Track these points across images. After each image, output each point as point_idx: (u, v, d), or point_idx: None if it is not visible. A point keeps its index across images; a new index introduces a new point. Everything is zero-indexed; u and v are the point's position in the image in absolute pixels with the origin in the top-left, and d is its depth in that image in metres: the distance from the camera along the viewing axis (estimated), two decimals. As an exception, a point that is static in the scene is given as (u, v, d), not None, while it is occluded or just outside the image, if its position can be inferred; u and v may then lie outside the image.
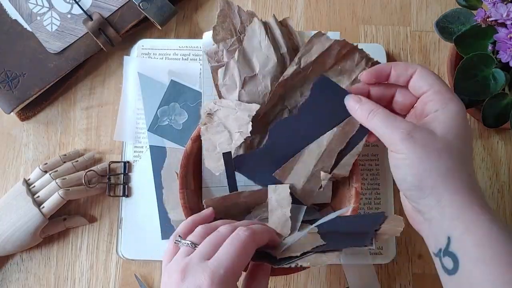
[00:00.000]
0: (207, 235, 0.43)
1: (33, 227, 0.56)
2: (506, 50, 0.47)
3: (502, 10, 0.47)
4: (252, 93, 0.50)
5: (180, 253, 0.42)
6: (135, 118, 0.62)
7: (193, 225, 0.46)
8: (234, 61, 0.50)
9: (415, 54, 0.64)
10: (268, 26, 0.52)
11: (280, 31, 0.51)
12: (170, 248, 0.44)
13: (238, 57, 0.50)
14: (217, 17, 0.51)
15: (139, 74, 0.62)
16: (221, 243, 0.41)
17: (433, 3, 0.65)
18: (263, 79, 0.50)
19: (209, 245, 0.41)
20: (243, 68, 0.50)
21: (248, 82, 0.50)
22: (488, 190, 0.61)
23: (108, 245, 0.60)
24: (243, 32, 0.51)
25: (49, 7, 0.62)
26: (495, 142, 0.62)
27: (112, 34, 0.61)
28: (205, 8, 0.66)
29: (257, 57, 0.51)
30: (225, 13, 0.51)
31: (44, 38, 0.61)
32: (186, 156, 0.52)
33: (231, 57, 0.51)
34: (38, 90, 0.60)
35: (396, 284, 0.59)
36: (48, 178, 0.58)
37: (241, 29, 0.51)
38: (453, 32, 0.53)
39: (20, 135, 0.63)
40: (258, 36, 0.51)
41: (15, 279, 0.60)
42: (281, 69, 0.50)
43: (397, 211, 0.60)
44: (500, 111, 0.52)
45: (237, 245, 0.40)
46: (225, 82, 0.51)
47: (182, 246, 0.43)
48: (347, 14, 0.65)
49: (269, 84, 0.50)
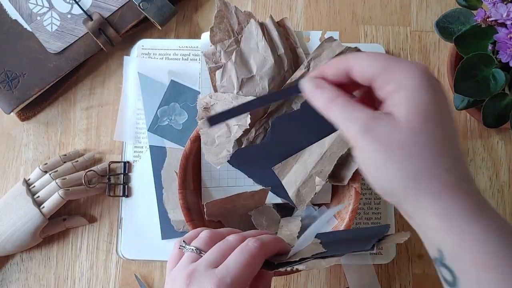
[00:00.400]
0: (212, 242, 0.41)
1: (33, 227, 0.56)
2: (506, 50, 0.47)
3: (502, 10, 0.47)
4: (249, 94, 0.50)
5: (185, 259, 0.41)
6: (135, 118, 0.62)
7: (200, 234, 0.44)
8: (231, 62, 0.50)
9: (415, 54, 0.64)
10: (265, 27, 0.52)
11: (277, 32, 0.51)
12: (174, 253, 0.43)
13: (236, 58, 0.50)
14: (214, 18, 0.51)
15: (139, 74, 0.62)
16: (229, 252, 0.40)
17: (433, 3, 0.65)
18: (261, 80, 0.50)
19: (217, 253, 0.40)
20: (241, 70, 0.50)
21: (245, 84, 0.50)
22: (488, 190, 0.61)
23: (108, 245, 0.60)
24: (240, 33, 0.51)
25: (49, 7, 0.62)
26: (495, 142, 0.62)
27: (112, 34, 0.61)
28: (205, 8, 0.66)
29: (254, 58, 0.50)
30: (222, 14, 0.51)
31: (44, 38, 0.61)
32: (185, 156, 0.52)
33: (228, 58, 0.51)
34: (38, 90, 0.60)
35: (396, 284, 0.59)
36: (48, 178, 0.58)
37: (238, 30, 0.51)
38: (453, 32, 0.53)
39: (20, 135, 0.63)
40: (255, 37, 0.51)
41: (15, 279, 0.60)
42: (279, 70, 0.50)
43: (396, 213, 0.60)
44: (500, 111, 0.52)
45: (246, 256, 0.39)
46: (223, 84, 0.51)
47: (186, 251, 0.41)
48: (347, 14, 0.65)
49: (266, 85, 0.50)
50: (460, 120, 0.62)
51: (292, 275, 0.59)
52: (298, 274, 0.59)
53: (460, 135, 0.62)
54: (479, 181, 0.61)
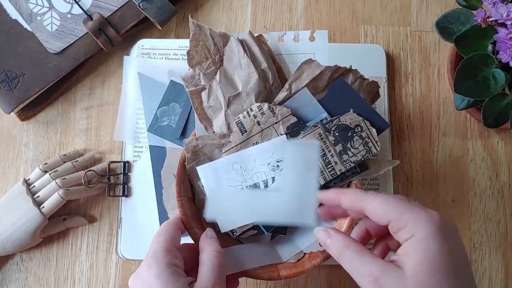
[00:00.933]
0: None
1: (33, 227, 0.56)
2: (506, 50, 0.47)
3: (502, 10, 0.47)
4: (238, 111, 0.51)
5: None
6: (135, 118, 0.62)
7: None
8: (216, 82, 0.51)
9: (415, 54, 0.64)
10: (245, 43, 0.52)
11: (258, 46, 0.52)
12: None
13: (220, 77, 0.51)
14: (190, 42, 0.52)
15: (139, 74, 0.62)
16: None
17: (433, 3, 0.65)
18: (247, 97, 0.51)
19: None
20: (226, 88, 0.51)
21: (232, 102, 0.51)
22: (488, 190, 0.60)
23: (108, 245, 0.60)
24: (217, 54, 0.52)
25: (49, 7, 0.62)
26: (495, 142, 0.62)
27: (112, 34, 0.61)
28: (205, 8, 0.66)
29: (239, 75, 0.51)
30: (197, 37, 0.52)
31: (44, 38, 0.61)
32: (181, 163, 0.52)
33: (208, 80, 0.51)
34: (38, 90, 0.61)
35: (396, 284, 0.59)
36: (48, 178, 0.58)
37: (214, 51, 0.52)
38: (453, 32, 0.53)
39: (20, 135, 0.63)
40: (237, 55, 0.51)
41: (15, 279, 0.60)
42: (264, 84, 0.51)
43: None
44: (500, 111, 0.52)
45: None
46: (210, 104, 0.51)
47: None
48: (347, 14, 0.65)
49: (253, 100, 0.51)
50: (460, 120, 0.62)
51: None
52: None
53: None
54: (479, 181, 0.61)
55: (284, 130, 0.50)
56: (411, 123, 0.62)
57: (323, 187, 0.49)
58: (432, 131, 0.62)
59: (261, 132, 0.50)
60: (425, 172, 0.61)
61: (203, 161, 0.51)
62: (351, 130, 0.49)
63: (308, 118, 0.51)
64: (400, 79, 0.63)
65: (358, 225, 0.42)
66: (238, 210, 0.49)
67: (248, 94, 0.51)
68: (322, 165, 0.49)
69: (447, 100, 0.63)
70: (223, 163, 0.50)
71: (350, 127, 0.49)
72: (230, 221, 0.50)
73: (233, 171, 0.50)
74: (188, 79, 0.52)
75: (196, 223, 0.51)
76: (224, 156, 0.50)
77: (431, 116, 0.62)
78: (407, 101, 0.63)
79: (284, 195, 0.47)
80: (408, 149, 0.61)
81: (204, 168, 0.50)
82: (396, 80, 0.63)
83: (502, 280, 0.59)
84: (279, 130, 0.50)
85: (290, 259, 0.50)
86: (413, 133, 0.62)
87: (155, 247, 0.44)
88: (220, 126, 0.51)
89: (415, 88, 0.63)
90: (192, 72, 0.52)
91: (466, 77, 0.51)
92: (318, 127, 0.49)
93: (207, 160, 0.51)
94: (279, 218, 0.47)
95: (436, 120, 0.62)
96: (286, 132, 0.49)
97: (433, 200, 0.60)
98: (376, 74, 0.62)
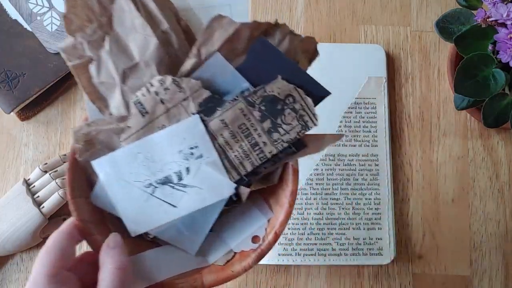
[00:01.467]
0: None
1: (33, 227, 0.56)
2: (506, 50, 0.47)
3: (502, 10, 0.47)
4: (137, 86, 0.39)
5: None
6: (135, 118, 0.61)
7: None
8: (105, 51, 0.40)
9: (415, 54, 0.64)
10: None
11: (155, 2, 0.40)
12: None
13: (110, 45, 0.40)
14: (65, 2, 0.39)
15: (139, 74, 0.62)
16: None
17: (433, 3, 0.65)
18: (147, 67, 0.39)
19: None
20: (119, 59, 0.39)
21: (129, 75, 0.40)
22: (488, 190, 0.61)
23: (108, 245, 0.60)
24: (104, 14, 0.40)
25: (49, 7, 0.62)
26: (495, 142, 0.62)
27: (112, 34, 0.61)
28: (205, 8, 0.66)
29: (135, 41, 0.40)
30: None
31: (44, 38, 0.61)
32: (72, 155, 0.40)
33: (95, 49, 0.40)
34: (38, 90, 0.61)
35: (396, 284, 0.59)
36: (48, 178, 0.58)
37: (100, 11, 0.40)
38: (453, 32, 0.53)
39: (20, 135, 0.63)
40: (128, 14, 0.39)
41: (15, 279, 0.60)
42: (167, 50, 0.40)
43: (396, 213, 0.60)
44: (500, 111, 0.52)
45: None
46: (101, 80, 0.40)
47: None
48: (347, 14, 0.65)
49: (155, 71, 0.39)
50: (460, 120, 0.62)
51: (292, 275, 0.59)
52: (298, 274, 0.59)
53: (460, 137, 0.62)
54: (479, 181, 0.61)
55: (196, 108, 0.39)
56: (411, 123, 0.62)
57: (251, 173, 0.40)
58: (432, 131, 0.62)
59: (167, 112, 0.39)
60: (425, 172, 0.61)
61: (101, 152, 0.39)
62: (280, 102, 0.39)
63: (225, 90, 0.40)
64: (400, 79, 0.63)
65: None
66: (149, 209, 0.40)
67: (148, 64, 0.39)
68: (248, 147, 0.39)
69: (447, 100, 0.63)
70: (123, 154, 0.39)
71: (279, 98, 0.39)
72: (139, 222, 0.40)
73: (137, 164, 0.39)
74: (69, 50, 0.39)
75: (99, 227, 0.41)
76: (123, 146, 0.39)
77: (431, 116, 0.62)
78: (407, 101, 0.63)
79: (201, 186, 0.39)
80: (408, 149, 0.61)
81: (101, 163, 0.39)
82: (396, 80, 0.63)
83: (502, 280, 0.59)
84: (189, 108, 0.39)
85: (218, 261, 0.42)
86: (413, 133, 0.62)
87: (36, 273, 0.35)
88: (118, 107, 0.40)
89: (415, 88, 0.63)
90: (73, 41, 0.39)
91: (466, 77, 0.51)
92: (238, 100, 0.39)
93: (106, 151, 0.39)
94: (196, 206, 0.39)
95: (436, 120, 0.62)
96: (199, 111, 0.39)
97: (433, 200, 0.60)
98: (376, 74, 0.62)
